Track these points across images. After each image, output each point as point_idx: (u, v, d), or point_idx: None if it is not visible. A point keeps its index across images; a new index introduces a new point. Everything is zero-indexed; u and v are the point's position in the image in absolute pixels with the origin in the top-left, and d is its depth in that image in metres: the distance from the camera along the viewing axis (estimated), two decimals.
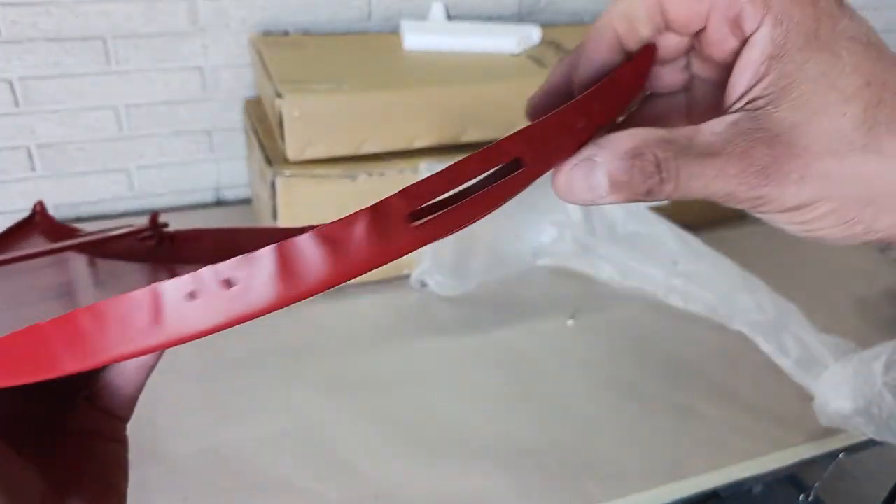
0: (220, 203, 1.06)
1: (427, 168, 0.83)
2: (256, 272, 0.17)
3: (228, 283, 0.17)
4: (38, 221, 0.48)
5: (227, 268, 0.17)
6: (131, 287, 0.17)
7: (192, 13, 0.90)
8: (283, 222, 0.82)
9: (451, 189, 0.19)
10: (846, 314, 0.94)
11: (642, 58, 0.25)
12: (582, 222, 0.92)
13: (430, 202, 0.19)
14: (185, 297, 0.17)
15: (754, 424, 0.76)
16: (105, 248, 0.39)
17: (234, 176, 1.04)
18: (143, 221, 0.40)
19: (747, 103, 0.22)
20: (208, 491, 0.65)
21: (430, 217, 0.19)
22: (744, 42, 0.23)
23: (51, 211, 0.99)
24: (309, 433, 0.72)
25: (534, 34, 0.96)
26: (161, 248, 0.38)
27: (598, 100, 0.23)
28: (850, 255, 1.07)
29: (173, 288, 0.17)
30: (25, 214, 0.48)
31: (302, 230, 0.30)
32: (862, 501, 1.39)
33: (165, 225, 0.38)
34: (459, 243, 0.88)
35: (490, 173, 0.21)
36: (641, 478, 0.70)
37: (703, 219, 1.08)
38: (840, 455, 0.78)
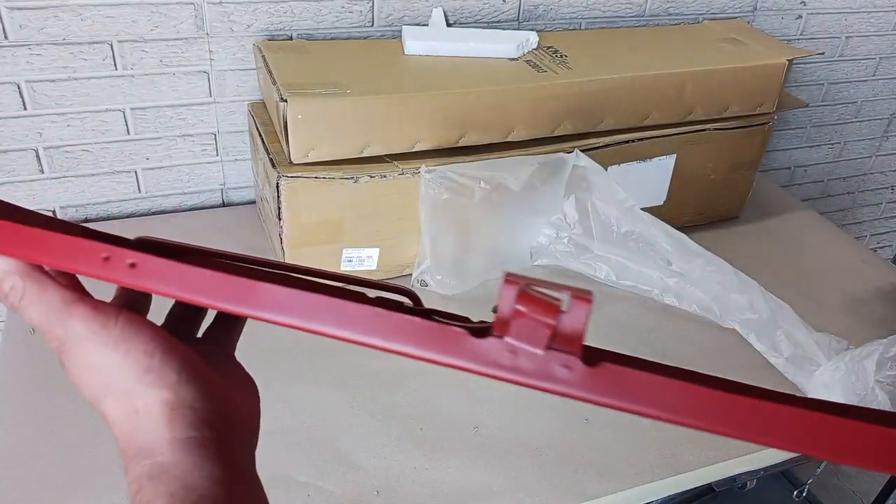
0: (225, 204, 1.07)
1: (427, 171, 0.85)
2: None
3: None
4: None
5: None
6: None
7: (197, 18, 0.92)
8: (288, 223, 0.84)
9: None
10: (838, 313, 0.96)
11: None
12: (578, 224, 0.93)
13: None
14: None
15: None
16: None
17: (239, 178, 1.06)
18: (150, 223, 0.40)
19: None
20: None
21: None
22: None
23: (58, 212, 1.01)
24: (311, 429, 0.73)
25: (532, 39, 0.98)
26: None
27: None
28: (842, 254, 1.09)
29: None
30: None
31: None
32: (855, 498, 1.40)
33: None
34: (459, 243, 0.90)
35: None
36: (637, 473, 0.72)
37: (697, 220, 1.10)
38: None
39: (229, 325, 0.36)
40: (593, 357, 0.23)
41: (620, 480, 0.71)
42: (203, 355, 0.31)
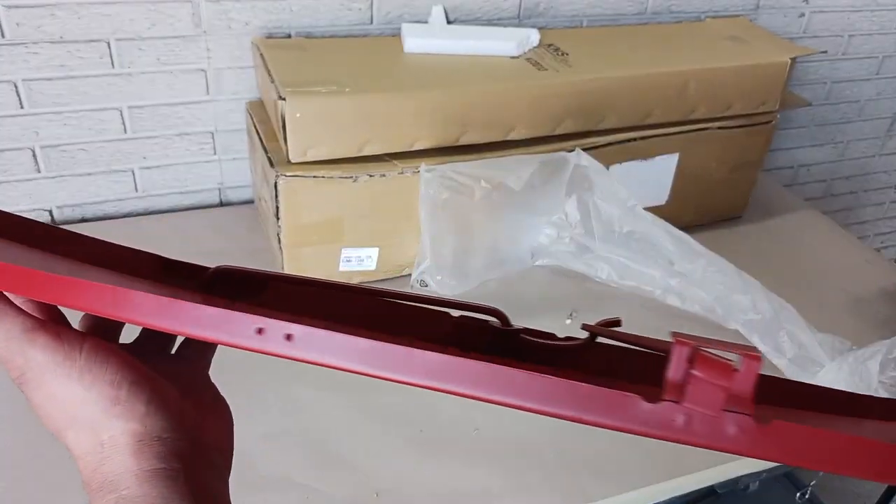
0: (223, 204, 1.07)
1: (426, 170, 0.84)
2: None
3: None
4: None
5: None
6: None
7: (195, 16, 0.91)
8: (286, 223, 0.83)
9: None
10: (841, 313, 0.95)
11: None
12: (580, 223, 0.93)
13: None
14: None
15: None
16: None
17: (237, 177, 1.05)
18: (147, 223, 0.40)
19: None
20: None
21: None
22: None
23: (55, 212, 1.01)
24: (310, 431, 0.73)
25: (532, 37, 0.97)
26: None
27: None
28: (845, 254, 1.08)
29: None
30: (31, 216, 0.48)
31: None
32: (858, 499, 1.39)
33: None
34: (459, 243, 0.89)
35: None
36: (640, 475, 0.71)
37: (700, 219, 1.09)
38: None
39: (204, 344, 0.35)
40: (764, 413, 0.22)
41: (622, 482, 0.70)
42: (174, 378, 0.30)
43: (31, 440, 0.69)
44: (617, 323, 0.33)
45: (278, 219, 0.83)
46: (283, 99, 0.78)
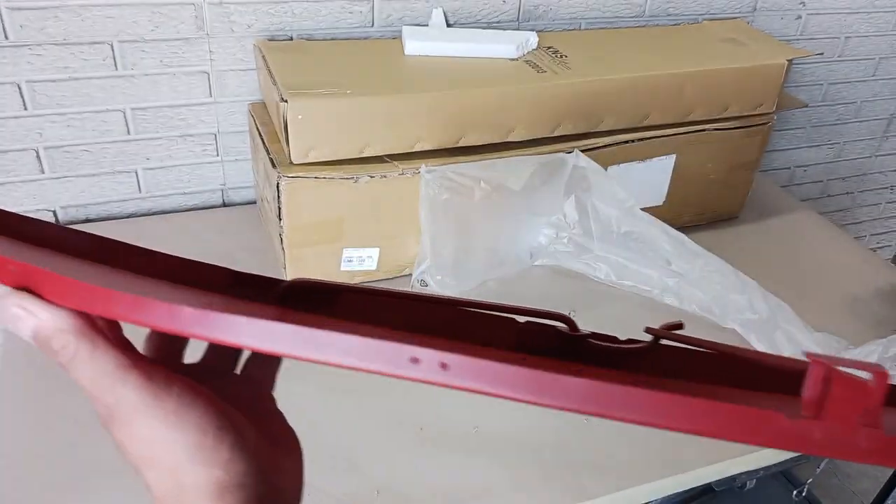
0: (226, 204, 1.07)
1: (427, 171, 0.85)
2: None
3: None
4: None
5: None
6: None
7: (198, 19, 0.92)
8: (288, 223, 0.84)
9: None
10: (838, 312, 0.96)
11: None
12: (578, 224, 0.93)
13: None
14: None
15: None
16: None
17: (239, 178, 1.06)
18: (151, 223, 0.40)
19: None
20: None
21: None
22: None
23: (59, 213, 1.01)
24: (310, 429, 0.72)
25: (532, 39, 0.98)
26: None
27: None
28: (842, 254, 1.09)
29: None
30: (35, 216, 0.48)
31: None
32: (854, 498, 1.40)
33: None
34: (459, 243, 0.90)
35: None
36: (637, 472, 0.72)
37: (697, 220, 1.10)
38: None
39: (269, 360, 0.35)
40: (891, 423, 0.24)
41: (620, 480, 0.71)
42: (238, 401, 0.30)
43: (31, 440, 0.70)
44: (679, 326, 0.35)
45: (280, 219, 0.84)
46: (285, 101, 0.78)
